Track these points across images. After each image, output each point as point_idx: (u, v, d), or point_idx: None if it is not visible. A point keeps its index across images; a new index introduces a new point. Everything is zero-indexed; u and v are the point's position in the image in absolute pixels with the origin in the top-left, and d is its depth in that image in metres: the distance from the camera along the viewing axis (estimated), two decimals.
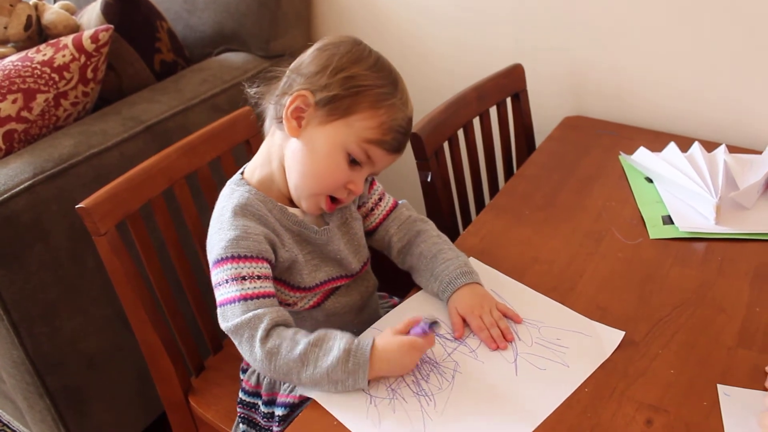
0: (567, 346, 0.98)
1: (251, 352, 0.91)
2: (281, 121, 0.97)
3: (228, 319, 0.93)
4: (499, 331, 1.00)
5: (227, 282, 0.94)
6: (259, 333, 0.90)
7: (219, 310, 0.95)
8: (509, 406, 0.89)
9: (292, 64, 1.00)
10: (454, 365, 0.96)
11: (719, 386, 0.91)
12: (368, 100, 0.93)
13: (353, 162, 0.96)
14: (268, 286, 0.95)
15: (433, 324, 0.91)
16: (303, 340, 0.90)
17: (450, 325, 1.03)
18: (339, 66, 0.94)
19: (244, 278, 0.93)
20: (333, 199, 1.01)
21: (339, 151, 0.95)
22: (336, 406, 0.90)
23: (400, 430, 0.86)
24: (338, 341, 0.91)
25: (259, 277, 0.94)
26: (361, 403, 0.90)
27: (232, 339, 0.94)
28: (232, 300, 0.93)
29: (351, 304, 1.11)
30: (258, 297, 0.93)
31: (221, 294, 0.95)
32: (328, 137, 0.95)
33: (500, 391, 0.92)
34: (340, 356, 0.89)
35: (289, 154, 0.99)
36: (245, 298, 0.92)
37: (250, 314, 0.91)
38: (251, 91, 1.02)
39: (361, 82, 0.93)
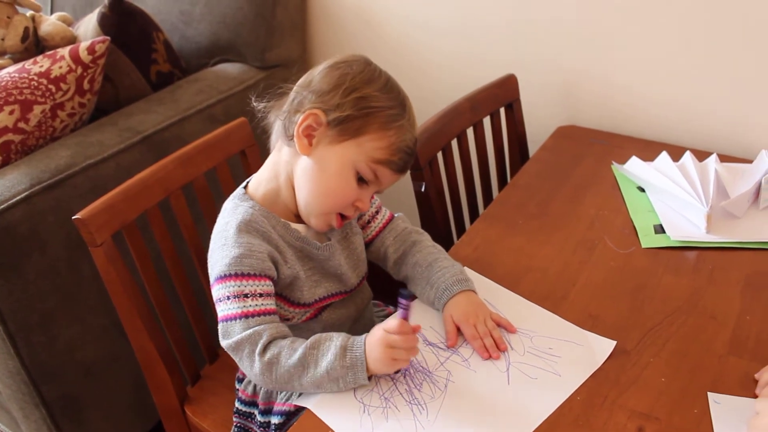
0: (559, 356, 0.99)
1: (251, 367, 0.92)
2: (291, 138, 0.97)
3: (229, 335, 0.94)
4: (493, 340, 1.00)
5: (229, 299, 0.94)
6: (258, 347, 0.91)
7: (220, 327, 0.95)
8: (501, 415, 0.90)
9: (301, 80, 1.00)
10: (447, 374, 0.97)
11: (709, 394, 0.92)
12: (379, 122, 0.94)
13: (361, 180, 0.97)
14: (270, 304, 0.96)
15: (405, 293, 0.90)
16: (301, 346, 0.92)
17: (443, 333, 1.04)
18: (352, 86, 0.94)
19: (246, 296, 0.94)
20: (342, 216, 1.02)
21: (349, 170, 0.96)
22: (329, 414, 0.90)
23: None
24: (334, 341, 0.92)
25: (261, 295, 0.95)
26: (355, 411, 0.91)
27: (233, 356, 0.95)
28: (234, 317, 0.94)
29: (347, 315, 1.12)
30: (259, 314, 0.94)
31: (222, 310, 0.95)
32: (338, 156, 0.96)
33: (492, 400, 0.92)
34: (337, 353, 0.91)
35: (299, 172, 0.99)
36: (246, 316, 0.93)
37: (251, 330, 0.92)
38: (259, 105, 1.03)
39: (373, 103, 0.94)
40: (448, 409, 0.91)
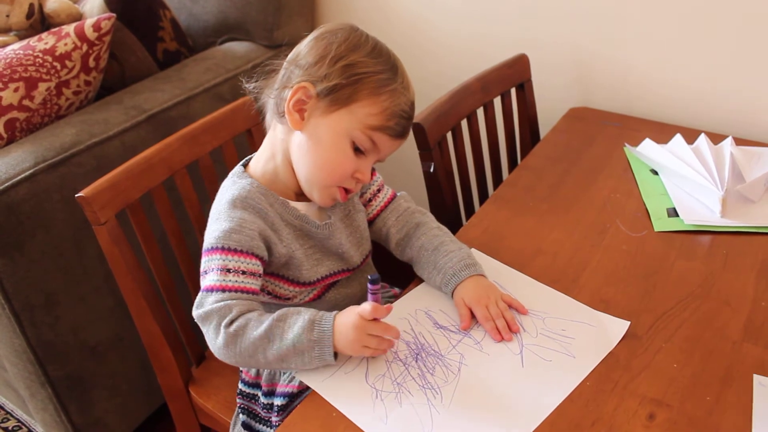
0: (572, 337, 0.98)
1: (216, 339, 0.91)
2: (283, 115, 0.96)
3: (201, 306, 0.93)
4: (505, 322, 0.99)
5: (213, 271, 0.94)
6: (226, 320, 0.90)
7: (198, 296, 0.94)
8: (516, 397, 0.89)
9: (289, 56, 0.99)
10: (460, 357, 0.95)
11: (755, 376, 0.90)
12: (369, 88, 0.93)
13: (358, 150, 0.96)
14: (252, 283, 0.95)
15: (373, 278, 0.90)
16: (267, 318, 0.91)
17: (457, 317, 1.02)
18: (337, 54, 0.93)
19: (228, 270, 0.93)
20: (345, 189, 1.00)
21: (344, 140, 0.95)
22: (341, 400, 0.89)
23: (407, 424, 0.85)
24: (303, 314, 0.91)
25: (243, 272, 0.94)
26: (367, 397, 0.89)
27: (201, 326, 0.93)
28: (211, 288, 0.93)
29: (351, 295, 1.10)
30: (236, 290, 0.93)
31: (204, 281, 0.95)
32: (331, 127, 0.94)
33: (507, 382, 0.91)
34: (305, 326, 0.89)
35: (295, 148, 0.98)
36: (224, 289, 0.92)
37: (222, 303, 0.91)
38: (249, 86, 1.02)
39: (361, 69, 0.92)
40: (462, 393, 0.90)
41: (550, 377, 0.91)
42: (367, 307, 0.89)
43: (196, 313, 0.93)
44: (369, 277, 0.91)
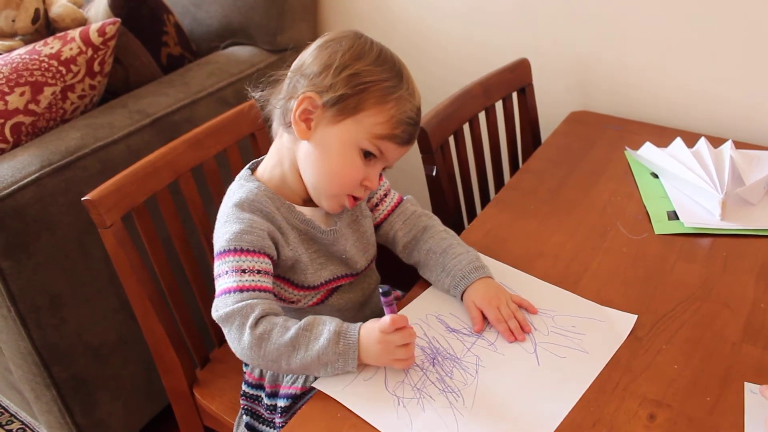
0: (583, 333, 0.99)
1: (240, 340, 0.91)
2: (289, 125, 0.96)
3: (220, 308, 0.93)
4: (517, 322, 1.00)
5: (227, 273, 0.94)
6: (250, 320, 0.90)
7: (215, 300, 0.95)
8: (537, 395, 0.90)
9: (294, 64, 0.99)
10: (476, 359, 0.96)
11: (746, 384, 0.90)
12: (375, 96, 0.93)
13: (366, 156, 0.96)
14: (266, 282, 0.95)
15: (384, 290, 0.90)
16: (294, 326, 0.91)
17: (468, 319, 1.03)
18: (342, 64, 0.92)
19: (243, 271, 0.93)
20: (353, 197, 1.01)
21: (352, 149, 0.95)
22: (364, 409, 0.89)
23: (433, 428, 0.86)
24: (328, 325, 0.91)
25: (258, 272, 0.94)
26: (389, 404, 0.89)
27: (222, 327, 0.93)
28: (228, 290, 0.93)
29: (354, 300, 1.11)
30: (254, 290, 0.93)
31: (219, 285, 0.95)
32: (339, 136, 0.94)
33: (525, 381, 0.92)
34: (330, 338, 0.90)
35: (302, 157, 0.98)
36: (241, 290, 0.92)
37: (243, 303, 0.91)
38: (255, 95, 1.02)
39: (366, 78, 0.92)
40: (483, 395, 0.90)
41: (566, 373, 0.93)
42: (386, 320, 0.90)
43: (216, 315, 0.93)
44: (380, 290, 0.91)
